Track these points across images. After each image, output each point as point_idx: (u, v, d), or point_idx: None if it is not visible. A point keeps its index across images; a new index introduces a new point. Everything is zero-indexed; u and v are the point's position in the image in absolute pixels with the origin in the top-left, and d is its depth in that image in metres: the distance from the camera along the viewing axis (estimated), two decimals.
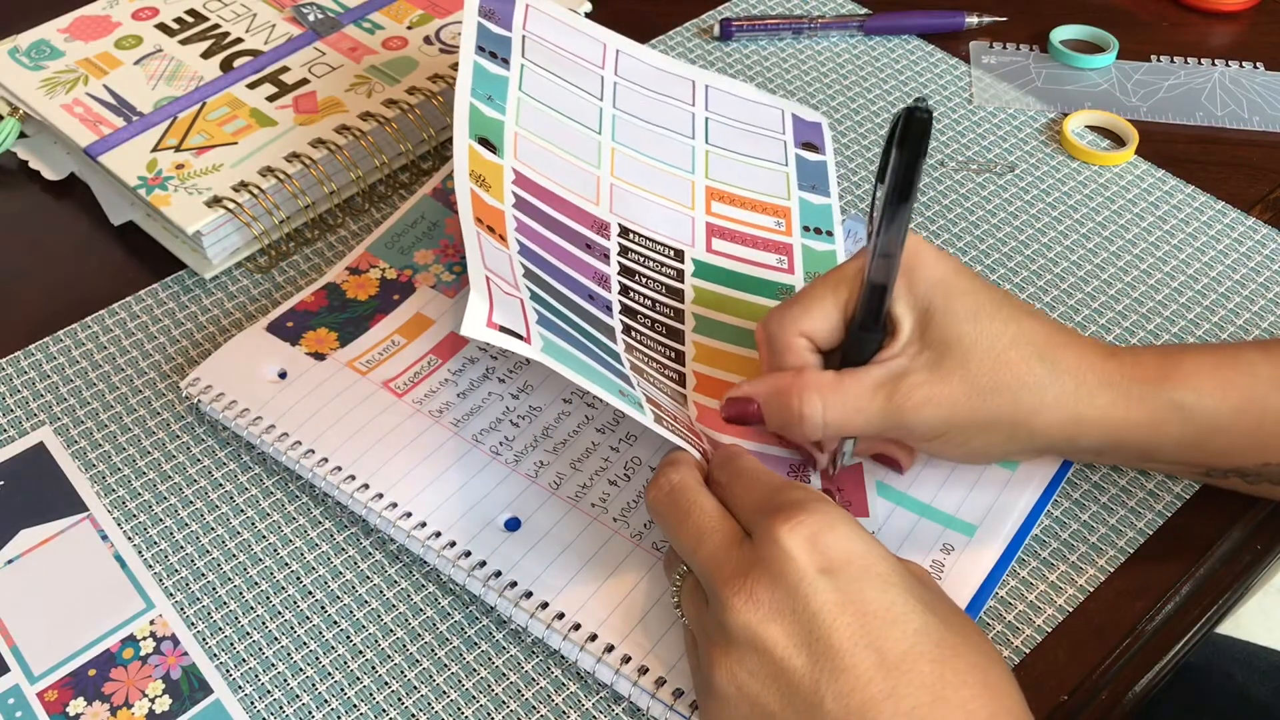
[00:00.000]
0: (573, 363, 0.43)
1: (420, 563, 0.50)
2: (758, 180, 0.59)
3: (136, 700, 0.46)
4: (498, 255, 0.46)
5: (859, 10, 0.76)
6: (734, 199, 0.57)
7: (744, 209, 0.57)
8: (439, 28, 0.70)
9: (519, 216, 0.48)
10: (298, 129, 0.64)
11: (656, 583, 0.47)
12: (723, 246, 0.56)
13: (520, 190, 0.49)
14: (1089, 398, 0.44)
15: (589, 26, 0.61)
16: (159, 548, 0.50)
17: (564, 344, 0.44)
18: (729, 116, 0.61)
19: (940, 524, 0.49)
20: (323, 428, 0.52)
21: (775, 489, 0.41)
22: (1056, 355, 0.44)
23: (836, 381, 0.44)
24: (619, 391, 0.44)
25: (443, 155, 0.66)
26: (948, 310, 0.44)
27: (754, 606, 0.38)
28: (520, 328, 0.43)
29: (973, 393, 0.44)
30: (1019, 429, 0.45)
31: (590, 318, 0.48)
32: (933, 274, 0.44)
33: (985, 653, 0.39)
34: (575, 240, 0.52)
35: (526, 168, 0.50)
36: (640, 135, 0.57)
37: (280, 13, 0.72)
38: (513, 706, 0.45)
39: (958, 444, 0.45)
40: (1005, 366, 0.44)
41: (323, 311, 0.57)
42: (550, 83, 0.54)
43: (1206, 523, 0.50)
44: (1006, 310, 0.44)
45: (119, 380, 0.57)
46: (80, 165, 0.66)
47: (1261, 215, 0.63)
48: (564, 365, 0.43)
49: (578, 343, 0.45)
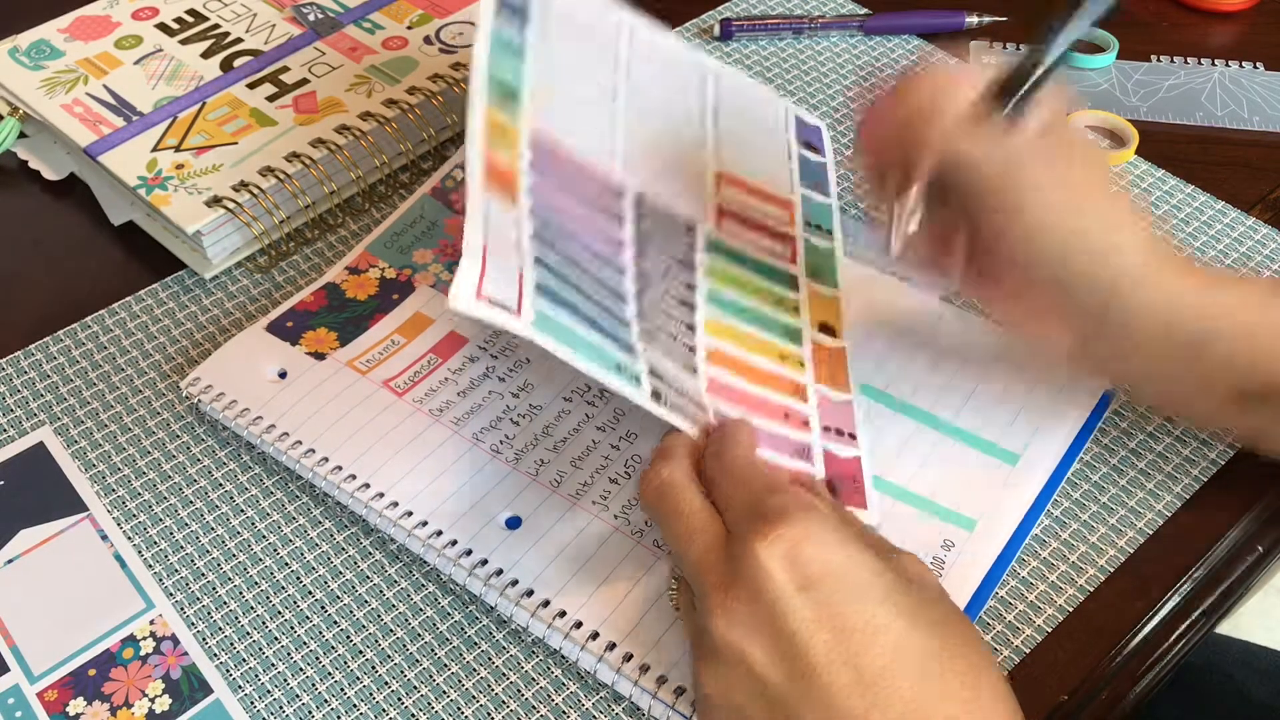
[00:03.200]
0: (566, 336, 0.43)
1: (420, 562, 0.50)
2: (763, 170, 0.59)
3: (136, 700, 0.46)
4: (502, 219, 0.45)
5: (859, 10, 0.76)
6: (742, 184, 0.57)
7: (751, 195, 0.57)
8: (439, 28, 0.70)
9: (534, 176, 0.47)
10: (298, 129, 0.64)
11: (657, 580, 0.47)
12: (730, 228, 0.55)
13: (536, 150, 0.48)
14: (1156, 261, 0.45)
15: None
16: (159, 548, 0.50)
17: (562, 314, 0.43)
18: (737, 105, 0.60)
19: (940, 518, 0.49)
20: (323, 427, 0.52)
21: (760, 493, 0.41)
22: (1144, 238, 0.46)
23: (982, 112, 0.45)
24: (616, 365, 0.43)
25: (442, 155, 0.66)
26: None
27: (734, 622, 0.38)
28: (513, 299, 0.42)
29: (1071, 194, 0.45)
30: (1088, 238, 0.45)
31: (601, 281, 0.48)
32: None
33: (975, 662, 0.38)
34: (591, 203, 0.51)
35: (545, 127, 0.49)
36: (653, 110, 0.57)
37: (280, 13, 0.72)
38: (513, 706, 0.45)
39: (1024, 222, 0.45)
40: (1107, 204, 0.46)
41: (322, 311, 0.57)
42: (568, 48, 0.53)
43: (1206, 523, 0.50)
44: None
45: (119, 380, 0.57)
46: (80, 165, 0.66)
47: (1261, 215, 0.63)
48: (555, 340, 0.42)
49: (581, 310, 0.45)
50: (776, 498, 0.40)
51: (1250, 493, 0.51)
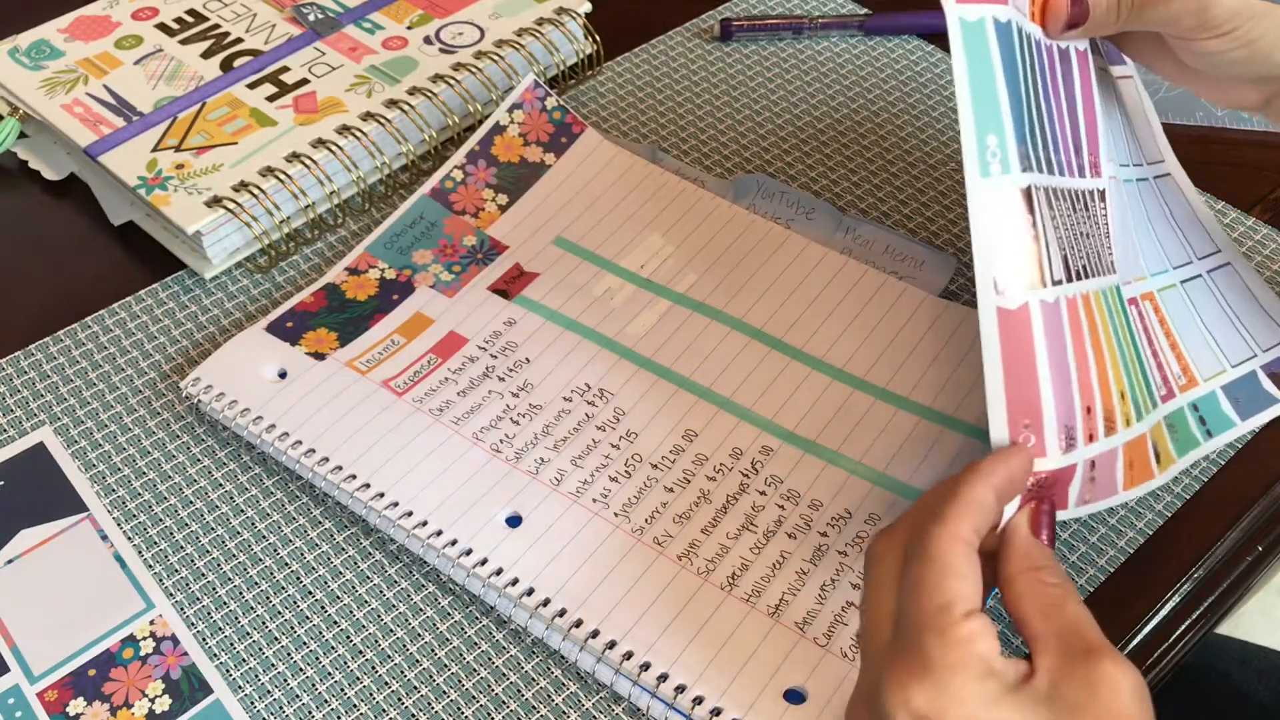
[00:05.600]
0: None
1: (420, 563, 0.50)
2: (1191, 342, 0.53)
3: (136, 700, 0.46)
4: None
5: (859, 10, 0.76)
6: (1161, 318, 0.52)
7: (1161, 329, 0.52)
8: (439, 28, 0.70)
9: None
10: (298, 129, 0.64)
11: (658, 578, 0.47)
12: (1134, 318, 0.51)
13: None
14: None
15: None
16: (159, 548, 0.50)
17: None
18: (1221, 287, 0.56)
19: None
20: (323, 427, 0.52)
21: (931, 614, 0.35)
22: None
23: None
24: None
25: (442, 155, 0.66)
26: None
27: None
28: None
29: None
30: None
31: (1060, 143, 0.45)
32: None
33: None
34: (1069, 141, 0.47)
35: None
36: (1131, 211, 0.52)
37: (280, 13, 0.72)
38: (513, 706, 0.45)
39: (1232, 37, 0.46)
40: None
41: (322, 312, 0.57)
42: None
43: (1206, 523, 0.50)
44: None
45: (119, 380, 0.57)
46: (80, 165, 0.66)
47: (1261, 215, 0.63)
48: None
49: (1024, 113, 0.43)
50: (933, 638, 0.35)
51: (1250, 493, 0.51)
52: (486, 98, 0.67)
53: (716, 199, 0.63)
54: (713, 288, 0.58)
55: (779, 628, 0.46)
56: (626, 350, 0.56)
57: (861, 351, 0.55)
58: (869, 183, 0.65)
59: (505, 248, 0.60)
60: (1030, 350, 0.40)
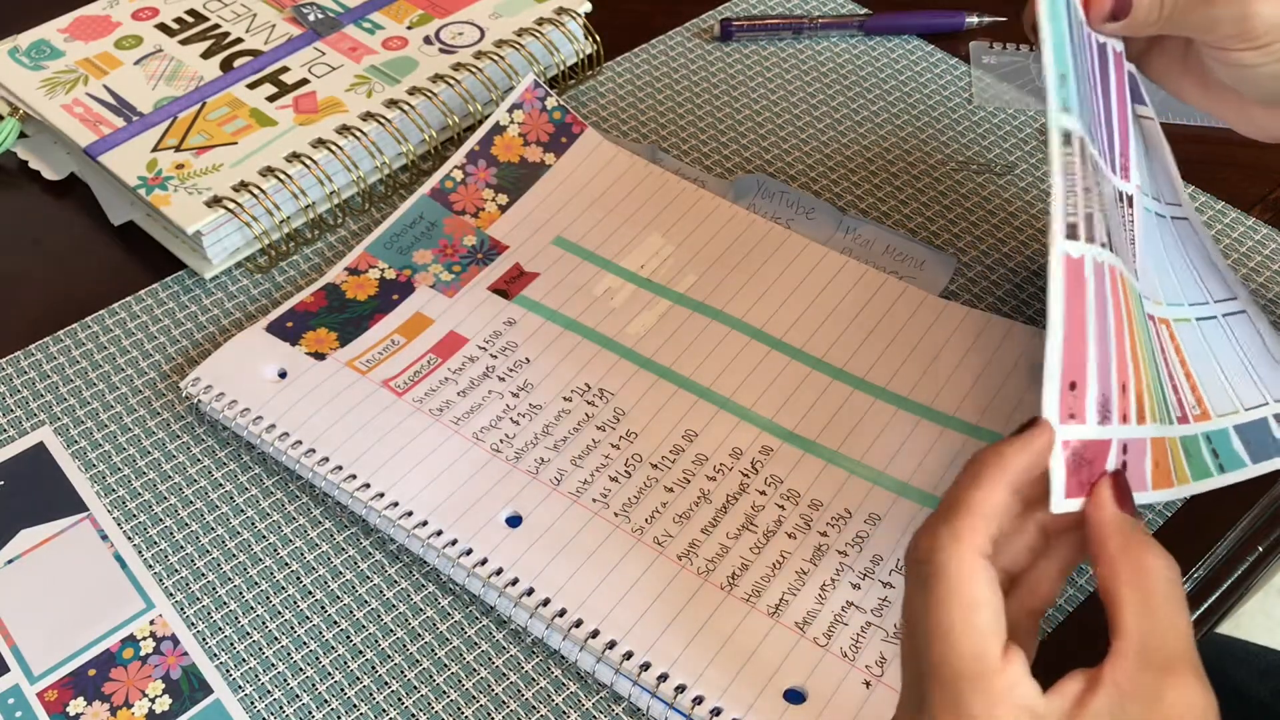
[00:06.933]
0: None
1: (420, 563, 0.50)
2: (1206, 376, 0.52)
3: (136, 700, 0.46)
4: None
5: (859, 10, 0.76)
6: (1176, 346, 0.51)
7: (1176, 356, 0.51)
8: (439, 28, 0.70)
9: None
10: (298, 129, 0.64)
11: (658, 578, 0.47)
12: (1156, 332, 0.50)
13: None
14: None
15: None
16: (159, 548, 0.50)
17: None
18: (1236, 333, 0.55)
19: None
20: (323, 427, 0.52)
21: (984, 637, 0.34)
22: None
23: None
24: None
25: (442, 155, 0.66)
26: None
27: None
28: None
29: None
30: None
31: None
32: None
33: None
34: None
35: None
36: (1149, 240, 0.51)
37: (280, 13, 0.72)
38: (513, 706, 0.45)
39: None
40: None
41: (322, 312, 0.57)
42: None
43: (1206, 523, 0.50)
44: None
45: (119, 380, 0.57)
46: (80, 165, 0.66)
47: (1261, 215, 0.63)
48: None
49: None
50: (974, 693, 0.33)
51: (1250, 493, 0.51)
52: (486, 98, 0.68)
53: (716, 199, 0.63)
54: (713, 288, 0.58)
55: (779, 628, 0.46)
56: (626, 350, 0.56)
57: (861, 351, 0.55)
58: (869, 183, 0.65)
59: (505, 248, 0.60)
60: (1083, 306, 0.39)
